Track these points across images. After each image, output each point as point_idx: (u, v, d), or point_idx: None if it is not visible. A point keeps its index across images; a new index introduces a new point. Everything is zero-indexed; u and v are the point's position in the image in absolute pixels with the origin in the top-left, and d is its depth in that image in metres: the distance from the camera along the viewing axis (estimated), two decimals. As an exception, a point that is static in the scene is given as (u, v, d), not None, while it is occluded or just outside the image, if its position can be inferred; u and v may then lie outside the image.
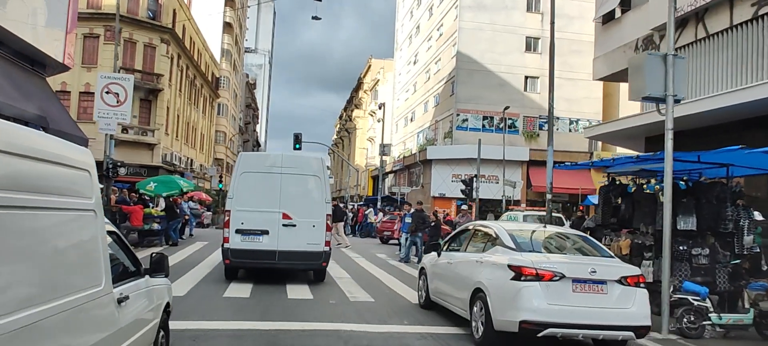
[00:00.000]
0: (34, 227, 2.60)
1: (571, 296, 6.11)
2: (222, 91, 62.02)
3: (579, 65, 38.24)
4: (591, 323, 6.12)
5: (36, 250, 2.63)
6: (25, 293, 2.46)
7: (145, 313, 4.27)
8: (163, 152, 37.66)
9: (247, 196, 10.65)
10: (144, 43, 36.85)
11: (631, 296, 6.26)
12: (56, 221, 2.85)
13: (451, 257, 8.14)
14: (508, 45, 37.74)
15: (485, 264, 6.89)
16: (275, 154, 13.12)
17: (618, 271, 6.40)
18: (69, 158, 3.05)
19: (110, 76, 16.78)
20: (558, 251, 7.23)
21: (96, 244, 3.33)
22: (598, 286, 6.20)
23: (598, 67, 19.28)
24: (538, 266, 6.19)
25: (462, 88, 37.49)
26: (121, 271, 4.06)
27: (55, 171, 2.85)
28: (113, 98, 16.32)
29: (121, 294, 3.68)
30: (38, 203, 2.63)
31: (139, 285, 4.23)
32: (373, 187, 56.93)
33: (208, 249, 16.65)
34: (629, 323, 6.22)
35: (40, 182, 2.68)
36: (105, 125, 16.18)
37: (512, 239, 6.91)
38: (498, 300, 6.33)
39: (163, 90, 37.04)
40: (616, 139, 18.76)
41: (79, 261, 3.12)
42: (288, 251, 10.59)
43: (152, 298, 4.49)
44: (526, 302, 6.05)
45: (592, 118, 38.37)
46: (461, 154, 35.07)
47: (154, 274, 4.57)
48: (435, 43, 44.19)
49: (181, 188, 18.11)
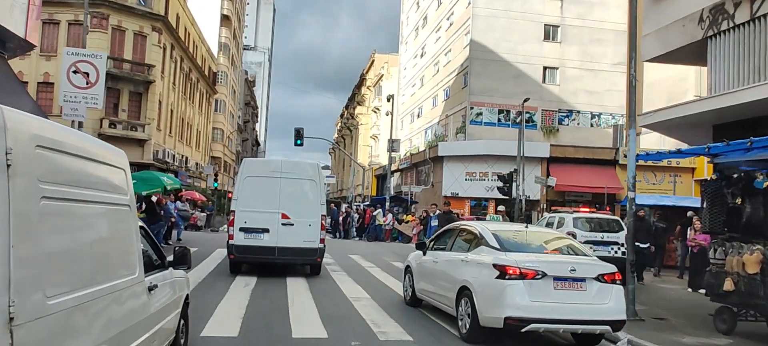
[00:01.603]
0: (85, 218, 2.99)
1: (552, 293, 6.44)
2: (219, 86, 59.39)
3: (600, 55, 35.73)
4: (571, 318, 6.47)
5: (86, 238, 3.03)
6: (78, 276, 2.83)
7: (170, 302, 4.53)
8: (155, 149, 35.07)
9: (250, 198, 11.74)
10: (134, 32, 34.28)
11: (608, 292, 6.64)
12: (101, 213, 3.20)
13: (437, 256, 8.43)
14: (525, 33, 35.16)
15: (471, 263, 7.21)
16: (276, 160, 15.00)
17: (596, 269, 6.75)
18: (109, 158, 3.41)
19: (79, 53, 14.13)
20: (539, 250, 7.40)
21: (131, 236, 3.70)
22: (578, 283, 6.56)
23: (649, 47, 16.61)
24: (521, 265, 6.50)
25: (475, 80, 34.89)
26: (148, 263, 4.22)
27: (98, 169, 3.21)
28: (82, 79, 13.69)
29: (151, 283, 4.03)
30: (86, 197, 2.98)
31: (165, 276, 4.56)
32: (377, 186, 54.29)
33: (198, 257, 14.09)
34: (606, 318, 6.57)
35: (87, 178, 3.04)
36: (71, 111, 13.56)
37: (496, 239, 7.21)
38: (483, 297, 6.63)
39: (154, 82, 34.45)
40: (675, 128, 16.05)
41: (119, 250, 3.51)
42: (286, 247, 11.65)
43: (175, 289, 4.82)
44: (511, 300, 6.36)
45: (616, 112, 35.83)
46: (475, 151, 32.47)
47: (177, 266, 4.92)
48: (444, 33, 41.61)
49: (165, 186, 15.50)
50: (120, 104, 33.66)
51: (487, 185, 32.23)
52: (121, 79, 33.25)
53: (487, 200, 32.28)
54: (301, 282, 11.19)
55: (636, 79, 9.74)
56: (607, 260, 13.26)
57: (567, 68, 35.58)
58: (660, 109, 17.00)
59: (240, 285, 10.36)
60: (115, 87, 33.43)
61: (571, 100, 35.22)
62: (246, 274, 11.89)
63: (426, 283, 8.55)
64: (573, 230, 13.13)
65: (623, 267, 13.34)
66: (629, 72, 9.49)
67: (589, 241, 13.00)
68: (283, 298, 9.27)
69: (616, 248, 13.02)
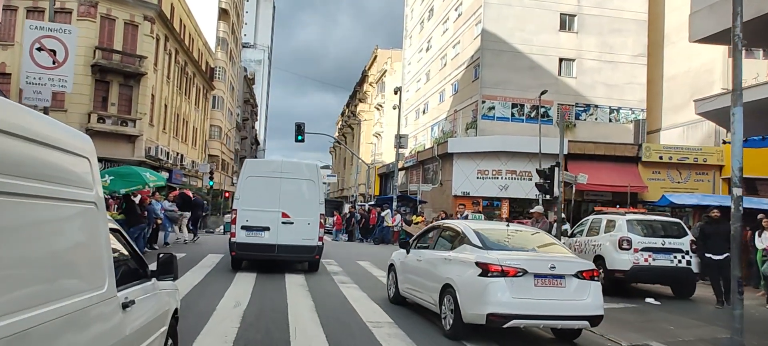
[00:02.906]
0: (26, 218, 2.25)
1: (533, 290, 6.54)
2: (217, 82, 57.31)
3: (619, 46, 33.73)
4: (551, 313, 6.61)
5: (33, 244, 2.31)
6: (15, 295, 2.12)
7: (153, 319, 3.81)
8: (147, 145, 33.01)
9: (251, 197, 12.13)
10: (124, 21, 32.20)
11: (586, 288, 6.75)
12: (52, 212, 2.48)
13: (421, 254, 8.49)
14: (541, 23, 33.12)
15: (454, 261, 7.32)
16: (277, 160, 15.37)
17: (575, 266, 6.84)
18: (66, 142, 2.66)
19: (44, 27, 12.07)
20: (521, 249, 7.48)
21: (97, 241, 2.97)
22: (557, 280, 6.67)
23: (699, 25, 14.54)
24: (503, 263, 6.57)
25: (488, 72, 32.85)
26: (125, 273, 3.62)
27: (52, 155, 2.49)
28: (48, 57, 11.64)
29: (126, 298, 3.30)
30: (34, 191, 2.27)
31: (146, 288, 3.83)
32: (380, 185, 52.22)
33: (185, 265, 12.06)
34: (585, 313, 6.71)
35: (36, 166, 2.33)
36: (34, 94, 11.49)
37: (479, 238, 7.32)
38: (466, 295, 6.72)
39: (146, 74, 32.36)
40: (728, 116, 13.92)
41: (79, 260, 2.77)
42: (286, 244, 12.05)
43: (160, 302, 4.07)
44: (493, 296, 6.45)
45: (636, 106, 33.82)
46: (488, 147, 30.44)
47: (161, 276, 4.14)
48: (452, 24, 39.58)
49: (146, 183, 13.46)
50: (109, 98, 31.58)
51: (500, 184, 30.23)
52: (111, 70, 31.18)
53: (499, 200, 30.27)
54: (304, 304, 9.15)
55: (742, 41, 7.67)
56: (671, 271, 11.36)
57: (584, 60, 33.55)
58: (719, 94, 14.98)
59: (228, 305, 8.33)
60: (104, 79, 31.40)
61: (588, 94, 33.18)
62: (240, 285, 9.93)
63: (409, 279, 8.69)
64: (627, 235, 11.09)
65: (689, 278, 11.41)
66: (734, 34, 7.43)
67: (648, 248, 10.97)
68: (283, 327, 7.24)
69: (680, 256, 10.97)
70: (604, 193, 28.90)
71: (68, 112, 29.73)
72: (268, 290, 9.90)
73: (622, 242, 11.05)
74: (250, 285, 10.36)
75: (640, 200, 28.32)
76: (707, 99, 13.36)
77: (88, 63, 30.40)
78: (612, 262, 11.19)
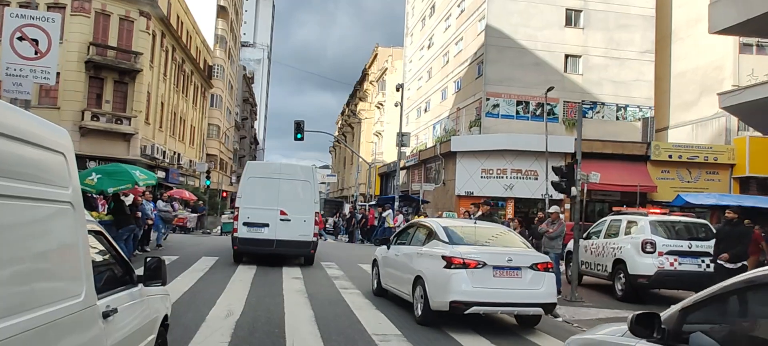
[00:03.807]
0: (6, 219, 2.11)
1: (492, 281, 7.29)
2: (215, 80, 56.48)
3: (627, 42, 32.96)
4: (508, 301, 7.35)
5: (6, 247, 2.11)
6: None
7: (140, 327, 3.64)
8: (142, 144, 32.21)
9: (253, 196, 13.14)
10: (119, 16, 31.40)
11: (541, 279, 7.50)
12: (22, 213, 2.27)
13: (399, 249, 9.25)
14: (546, 18, 32.32)
15: (424, 255, 8.07)
16: (276, 163, 16.96)
17: (530, 259, 7.60)
18: (39, 136, 2.45)
19: (25, 15, 11.27)
20: (483, 243, 8.02)
21: (74, 245, 2.75)
22: (514, 271, 7.39)
23: (720, 14, 13.82)
24: (465, 256, 7.35)
25: (492, 68, 32.05)
26: (108, 279, 3.46)
27: (22, 149, 2.28)
28: (29, 47, 10.80)
29: (108, 307, 3.10)
30: (8, 191, 2.12)
31: (132, 295, 3.63)
32: (381, 185, 51.43)
33: (175, 269, 11.27)
34: (539, 301, 7.44)
35: (12, 165, 2.17)
36: (13, 86, 10.63)
37: (446, 234, 8.08)
38: (433, 285, 7.47)
39: (141, 71, 31.55)
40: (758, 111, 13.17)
41: (52, 266, 2.57)
42: (284, 240, 13.03)
43: (147, 310, 3.89)
44: (455, 286, 7.20)
45: (643, 104, 33.04)
46: (492, 145, 29.64)
47: (148, 282, 3.90)
48: (455, 21, 38.79)
49: (136, 181, 12.67)
50: (103, 95, 30.79)
51: (505, 183, 29.45)
52: (105, 67, 30.38)
53: (504, 200, 29.48)
54: (303, 314, 8.37)
55: None
56: (699, 276, 10.49)
57: (590, 56, 32.74)
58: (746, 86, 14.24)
59: (219, 315, 7.55)
60: (99, 76, 30.62)
61: (595, 91, 32.39)
62: (233, 291, 9.15)
63: (388, 272, 9.41)
64: (651, 238, 10.30)
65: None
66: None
67: (673, 251, 10.19)
68: (279, 342, 6.46)
69: (709, 260, 10.17)
70: (612, 193, 28.10)
71: (61, 109, 28.97)
72: (263, 297, 9.12)
73: (646, 245, 10.26)
74: (245, 291, 9.59)
75: (649, 199, 27.54)
76: (733, 92, 12.60)
77: (82, 59, 29.62)
78: (634, 266, 10.41)
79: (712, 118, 30.46)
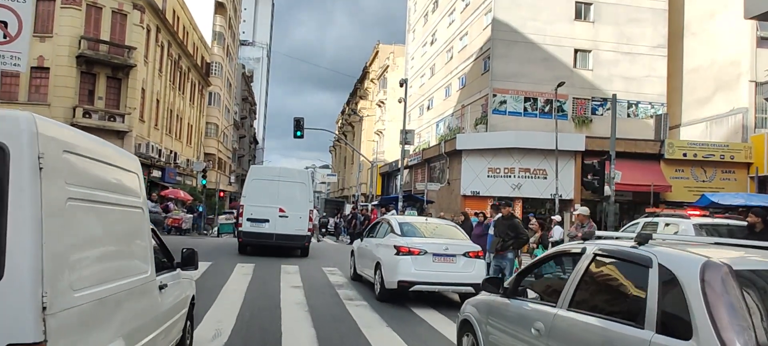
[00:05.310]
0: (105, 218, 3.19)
1: (432, 265, 9.21)
2: (213, 78, 55.35)
3: (638, 36, 31.83)
4: (444, 281, 9.31)
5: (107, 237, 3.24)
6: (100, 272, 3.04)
7: (178, 301, 4.69)
8: (137, 142, 31.07)
9: (255, 196, 15.57)
10: (112, 9, 30.28)
11: (472, 264, 9.40)
12: (119, 214, 3.41)
13: (368, 242, 11.16)
14: (555, 11, 31.15)
15: (382, 245, 10.03)
16: (276, 167, 20.67)
17: (463, 248, 9.48)
18: (125, 163, 3.65)
19: (-8, -5, 10.14)
20: (429, 236, 9.97)
21: (144, 236, 3.91)
22: (450, 258, 9.31)
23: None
24: (410, 245, 9.31)
25: (499, 64, 30.91)
26: (158, 263, 4.33)
27: (116, 173, 3.43)
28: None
29: (162, 282, 4.20)
30: (107, 199, 3.20)
31: (173, 276, 4.67)
32: (383, 185, 50.31)
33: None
34: (470, 282, 9.07)
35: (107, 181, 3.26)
36: (-21, 73, 9.58)
37: (400, 228, 10.11)
38: (387, 268, 9.40)
39: (135, 67, 30.43)
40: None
41: (135, 249, 3.73)
42: (282, 233, 15.43)
43: (183, 289, 4.98)
44: (402, 269, 9.11)
45: (656, 100, 31.92)
46: (499, 143, 28.47)
47: (185, 267, 4.95)
48: (459, 15, 37.64)
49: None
50: (96, 91, 29.65)
51: (513, 183, 28.30)
52: (97, 62, 29.24)
53: (512, 200, 28.33)
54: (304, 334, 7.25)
55: None
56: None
57: (601, 51, 31.60)
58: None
59: (205, 336, 6.42)
60: (90, 71, 29.48)
61: (605, 87, 31.22)
62: (224, 305, 8.04)
63: (361, 262, 11.31)
64: (695, 243, 9.18)
65: None
66: None
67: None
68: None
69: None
70: (624, 192, 26.95)
71: (52, 106, 27.83)
72: (258, 311, 8.01)
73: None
74: (238, 303, 8.48)
75: (663, 199, 26.45)
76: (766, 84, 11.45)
77: (73, 54, 28.49)
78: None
79: (728, 115, 29.34)
